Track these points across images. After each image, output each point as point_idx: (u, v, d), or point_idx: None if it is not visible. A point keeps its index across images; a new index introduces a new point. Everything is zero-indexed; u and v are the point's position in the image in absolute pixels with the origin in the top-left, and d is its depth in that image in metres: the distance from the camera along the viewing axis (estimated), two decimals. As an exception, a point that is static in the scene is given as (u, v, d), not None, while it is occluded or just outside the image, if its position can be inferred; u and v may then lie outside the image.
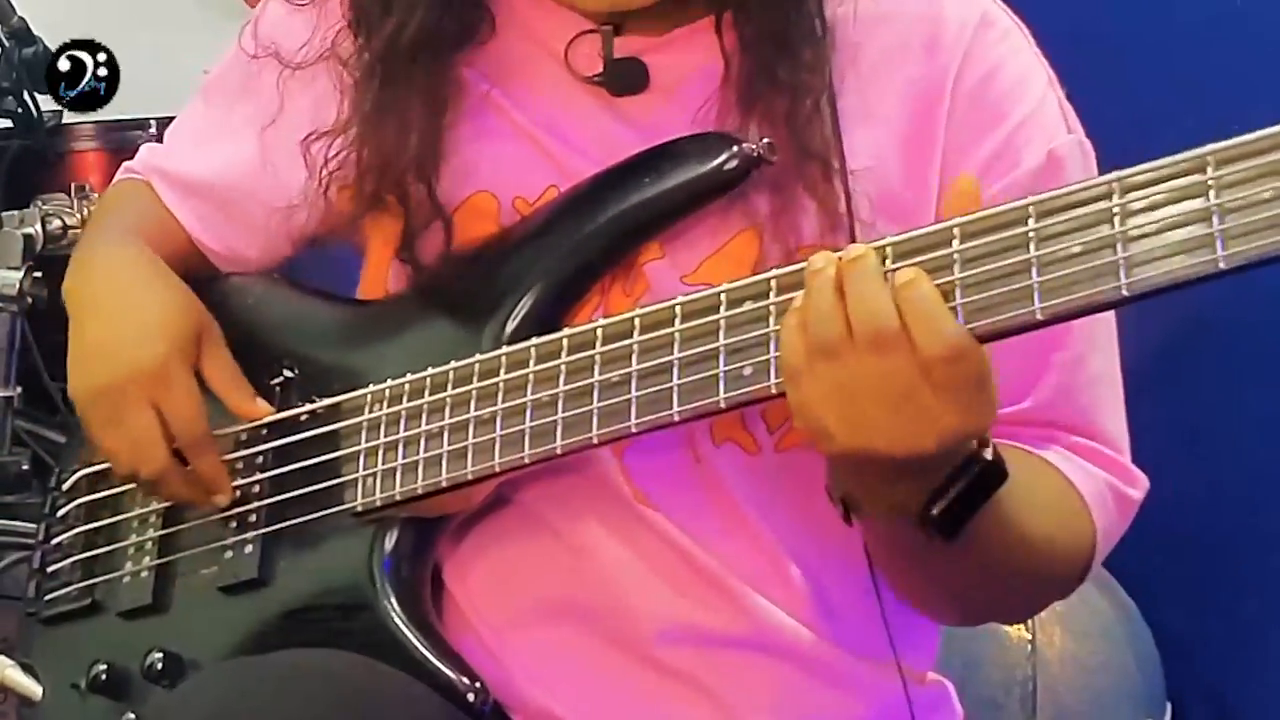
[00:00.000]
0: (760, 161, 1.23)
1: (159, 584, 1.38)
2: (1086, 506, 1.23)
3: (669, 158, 1.25)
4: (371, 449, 1.28)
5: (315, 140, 1.35)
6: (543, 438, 1.19)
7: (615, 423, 1.16)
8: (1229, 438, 2.30)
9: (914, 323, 1.00)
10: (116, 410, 1.33)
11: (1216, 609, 2.33)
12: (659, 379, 1.14)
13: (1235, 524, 2.31)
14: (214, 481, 1.34)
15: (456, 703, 1.23)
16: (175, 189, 1.46)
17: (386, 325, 1.34)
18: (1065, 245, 0.99)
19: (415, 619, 1.27)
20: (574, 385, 1.18)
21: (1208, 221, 0.95)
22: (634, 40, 1.29)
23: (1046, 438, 1.24)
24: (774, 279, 1.10)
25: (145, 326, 1.35)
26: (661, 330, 1.15)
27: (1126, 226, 0.97)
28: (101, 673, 1.37)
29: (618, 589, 1.26)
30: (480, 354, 1.24)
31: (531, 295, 1.27)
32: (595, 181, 1.27)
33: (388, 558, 1.28)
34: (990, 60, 1.27)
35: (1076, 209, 0.99)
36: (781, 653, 1.27)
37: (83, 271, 1.42)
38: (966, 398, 1.02)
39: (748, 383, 1.11)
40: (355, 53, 1.34)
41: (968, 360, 1.01)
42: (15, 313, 2.73)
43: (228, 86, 1.46)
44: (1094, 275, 0.98)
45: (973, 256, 1.02)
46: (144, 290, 1.38)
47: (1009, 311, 1.00)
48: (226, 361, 1.37)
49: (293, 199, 1.39)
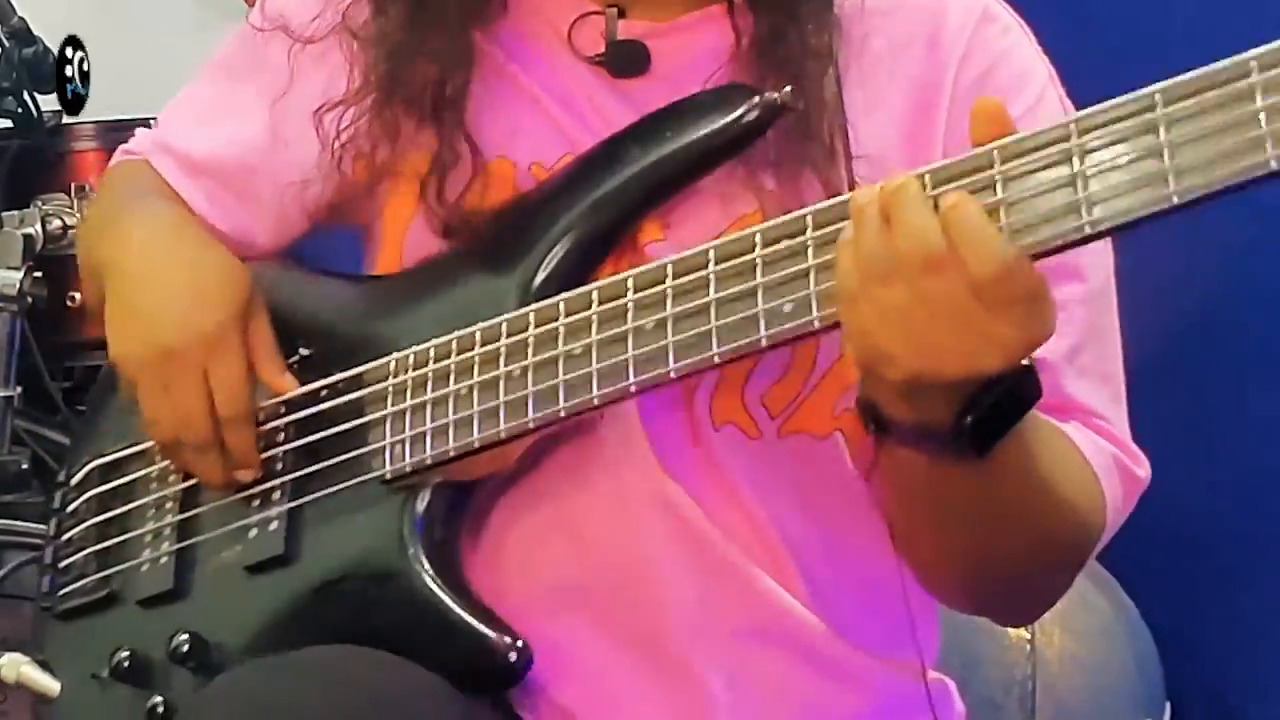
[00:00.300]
0: (782, 109, 1.23)
1: (179, 569, 1.36)
2: (1096, 477, 1.24)
3: (691, 111, 1.26)
4: (398, 414, 1.27)
5: (328, 111, 1.34)
6: (578, 389, 1.18)
7: (653, 369, 1.15)
8: (1229, 437, 2.30)
9: (963, 244, 1.00)
10: (168, 376, 1.31)
11: (1216, 609, 2.33)
12: (697, 320, 1.13)
13: (1235, 524, 2.32)
14: (245, 458, 1.33)
15: (496, 664, 1.22)
16: (182, 168, 1.43)
17: (405, 297, 1.33)
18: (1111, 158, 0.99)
19: (451, 582, 1.25)
20: (607, 334, 1.17)
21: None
22: (639, 24, 1.31)
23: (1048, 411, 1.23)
24: (810, 215, 1.10)
25: (203, 289, 1.33)
26: (696, 273, 1.14)
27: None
28: (124, 660, 1.34)
29: (634, 577, 1.26)
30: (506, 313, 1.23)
31: (560, 248, 1.26)
32: (612, 140, 1.28)
33: (419, 519, 1.26)
34: (991, 55, 1.29)
35: (1117, 124, 0.99)
36: (785, 642, 1.27)
37: (119, 237, 1.38)
38: (1023, 312, 1.01)
39: (789, 318, 1.10)
40: (368, 24, 1.34)
41: (1018, 276, 1.00)
42: (15, 313, 2.73)
43: (232, 65, 1.45)
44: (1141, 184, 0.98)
45: (1015, 175, 1.02)
46: (197, 252, 1.36)
47: (1055, 229, 1.00)
48: (267, 332, 1.35)
49: (306, 173, 1.38)
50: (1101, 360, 1.28)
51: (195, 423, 1.31)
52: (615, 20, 1.30)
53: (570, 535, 1.27)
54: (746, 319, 1.11)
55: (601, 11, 1.31)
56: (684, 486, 1.26)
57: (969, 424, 1.07)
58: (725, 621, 1.26)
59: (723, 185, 1.26)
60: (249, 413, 1.32)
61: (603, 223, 1.26)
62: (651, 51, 1.30)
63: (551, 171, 1.30)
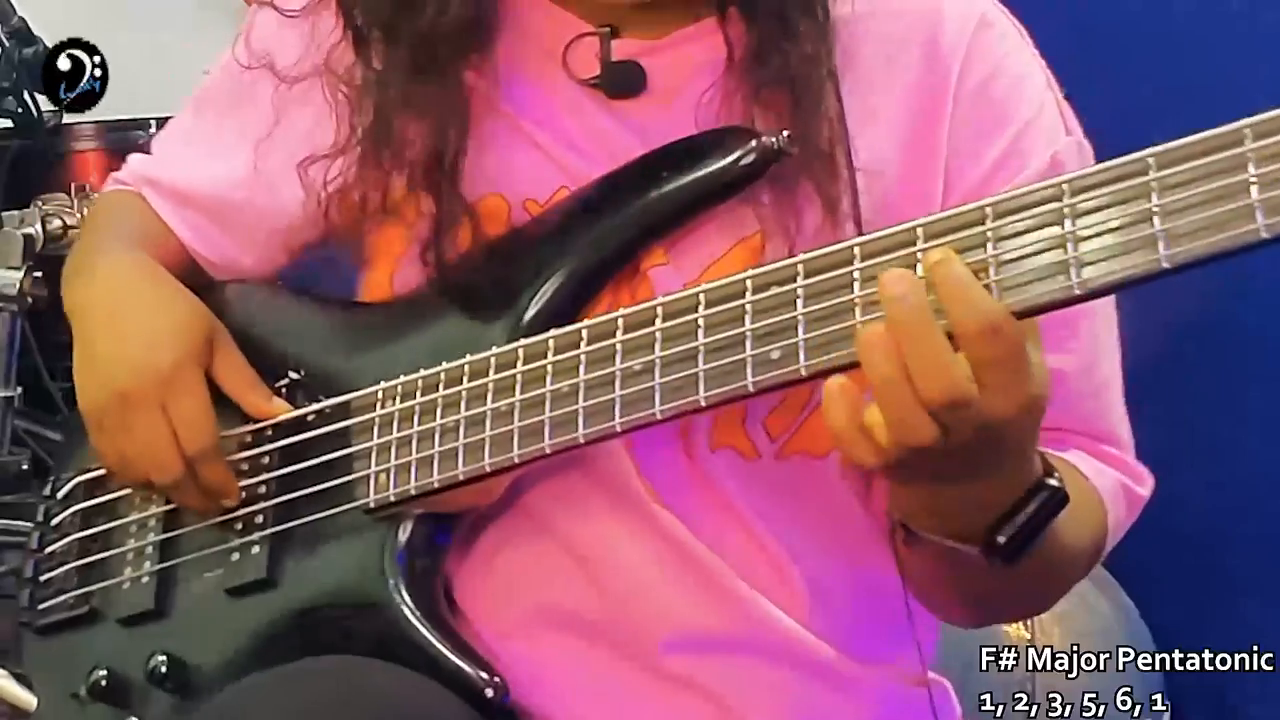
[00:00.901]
0: (780, 155, 1.22)
1: (161, 589, 1.36)
2: (1103, 503, 1.24)
3: (687, 153, 1.24)
4: (384, 445, 1.27)
5: (313, 164, 1.33)
6: (564, 427, 1.18)
7: (639, 411, 1.15)
8: (1229, 438, 2.30)
9: (956, 303, 0.99)
10: (127, 417, 1.32)
11: (1216, 609, 2.33)
12: (684, 365, 1.13)
13: (1235, 524, 2.32)
14: (221, 489, 1.33)
15: (474, 699, 1.22)
16: (168, 199, 1.45)
17: (395, 326, 1.33)
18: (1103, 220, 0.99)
19: (430, 615, 1.25)
20: (595, 375, 1.17)
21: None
22: (632, 44, 1.29)
23: (1059, 440, 1.24)
24: (801, 263, 1.09)
25: (156, 333, 1.34)
26: (685, 317, 1.13)
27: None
28: (101, 679, 1.35)
29: (626, 595, 1.25)
30: (496, 348, 1.23)
31: (549, 288, 1.25)
32: (612, 178, 1.26)
33: (401, 552, 1.26)
34: (991, 61, 1.27)
35: (1110, 186, 0.99)
36: (785, 657, 1.27)
37: (85, 282, 1.40)
38: (1005, 378, 1.00)
39: (776, 366, 1.09)
40: (353, 68, 1.32)
41: (1003, 335, 0.99)
42: (15, 313, 2.73)
43: (218, 99, 1.44)
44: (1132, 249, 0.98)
45: (1006, 235, 1.01)
46: (152, 297, 1.37)
47: (1045, 288, 1.00)
48: (240, 363, 1.36)
49: (291, 218, 1.38)
50: (1108, 373, 1.28)
51: (163, 461, 1.31)
52: (609, 41, 1.29)
53: (559, 557, 1.27)
54: (734, 364, 1.11)
55: (594, 33, 1.29)
56: (675, 507, 1.25)
57: (1000, 543, 1.08)
58: (721, 637, 1.25)
59: (725, 208, 1.24)
60: (216, 447, 1.32)
61: (594, 263, 1.26)
62: (647, 70, 1.29)
63: (545, 206, 1.29)
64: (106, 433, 1.34)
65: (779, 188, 1.23)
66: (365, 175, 1.31)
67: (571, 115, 1.30)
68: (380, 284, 1.36)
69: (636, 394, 1.15)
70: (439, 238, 1.28)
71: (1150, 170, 0.97)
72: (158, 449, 1.31)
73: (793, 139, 1.22)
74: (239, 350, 1.36)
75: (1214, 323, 2.17)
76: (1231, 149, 0.94)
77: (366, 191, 1.32)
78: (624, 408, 1.15)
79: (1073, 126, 1.29)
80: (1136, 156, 0.98)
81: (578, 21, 1.30)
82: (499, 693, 1.22)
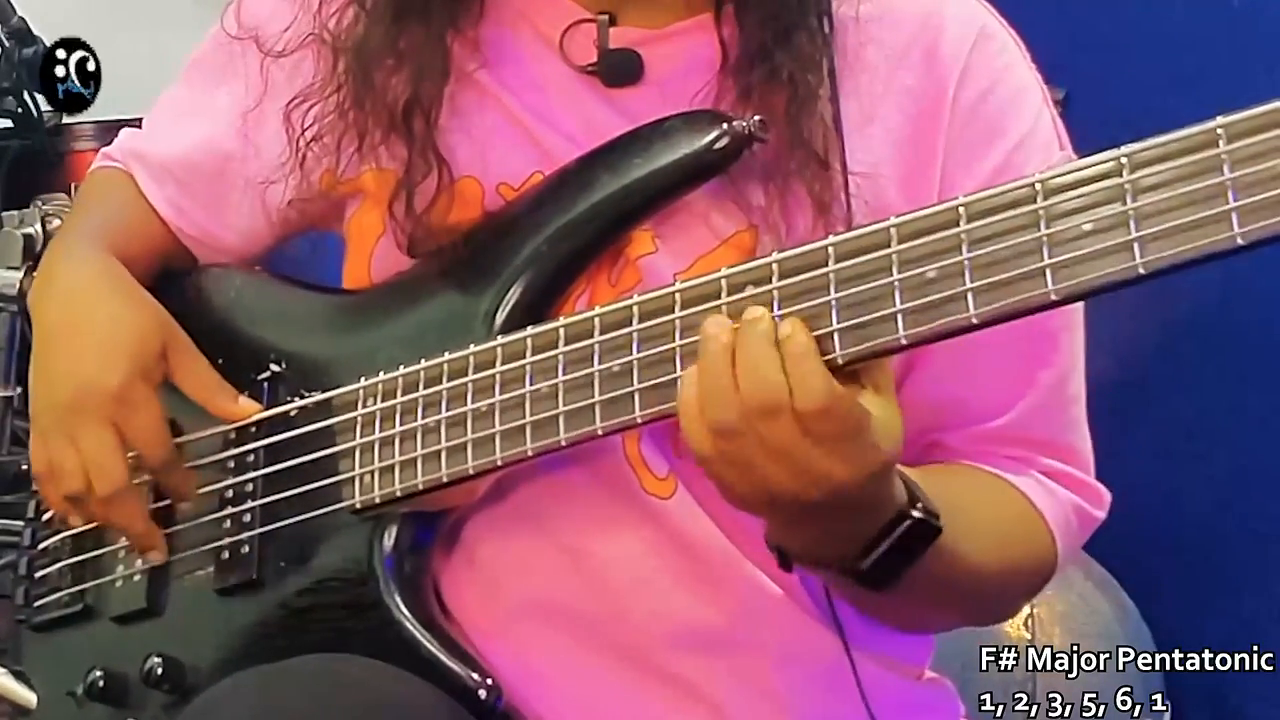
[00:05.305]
0: (752, 139, 1.21)
1: (153, 587, 1.37)
2: (1050, 530, 1.26)
3: (658, 137, 1.24)
4: (367, 445, 1.27)
5: (296, 106, 1.34)
6: (545, 429, 1.17)
7: (620, 414, 1.14)
8: (1229, 438, 2.30)
9: (792, 378, 1.02)
10: (76, 431, 1.32)
11: (1216, 609, 2.33)
12: (662, 369, 1.12)
13: (1235, 524, 2.32)
14: (184, 495, 1.35)
15: (467, 700, 1.22)
16: (152, 172, 1.45)
17: (373, 315, 1.33)
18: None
19: (421, 616, 1.25)
20: (573, 376, 1.16)
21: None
22: (630, 32, 1.29)
23: (1020, 459, 1.26)
24: (776, 263, 1.09)
25: (105, 348, 1.34)
26: (662, 318, 1.13)
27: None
28: (99, 679, 1.35)
29: (618, 590, 1.25)
30: (473, 342, 1.23)
31: (521, 283, 1.25)
32: (582, 163, 1.26)
33: (389, 555, 1.26)
34: (989, 74, 1.27)
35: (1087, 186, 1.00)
36: (781, 653, 1.26)
37: (45, 291, 1.41)
38: (845, 449, 1.03)
39: None
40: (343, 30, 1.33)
41: (835, 413, 1.02)
42: (15, 313, 2.73)
43: (207, 69, 1.45)
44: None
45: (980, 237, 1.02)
46: (105, 313, 1.36)
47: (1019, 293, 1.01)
48: (200, 367, 1.36)
49: (270, 175, 1.38)
50: (1078, 387, 1.29)
51: (105, 468, 1.32)
52: (607, 29, 1.28)
53: (546, 548, 1.27)
54: None
55: (593, 19, 1.29)
56: (671, 497, 1.25)
57: (863, 570, 1.11)
58: (717, 631, 1.25)
59: (714, 198, 1.24)
60: (171, 458, 1.34)
61: (567, 251, 1.25)
62: (644, 59, 1.28)
63: (519, 191, 1.29)
64: (50, 443, 1.34)
65: (771, 189, 1.23)
66: (343, 122, 1.31)
67: (565, 101, 1.30)
68: (358, 269, 1.35)
69: (616, 397, 1.14)
70: (409, 188, 1.28)
71: (1124, 170, 0.97)
72: (103, 458, 1.32)
73: (765, 124, 1.21)
74: (199, 354, 1.37)
75: (1214, 323, 2.17)
76: (1206, 149, 0.95)
77: (342, 140, 1.32)
78: (604, 410, 1.15)
79: (1065, 141, 1.29)
80: (1110, 155, 0.98)
81: (575, 7, 1.30)
82: (492, 695, 1.23)
